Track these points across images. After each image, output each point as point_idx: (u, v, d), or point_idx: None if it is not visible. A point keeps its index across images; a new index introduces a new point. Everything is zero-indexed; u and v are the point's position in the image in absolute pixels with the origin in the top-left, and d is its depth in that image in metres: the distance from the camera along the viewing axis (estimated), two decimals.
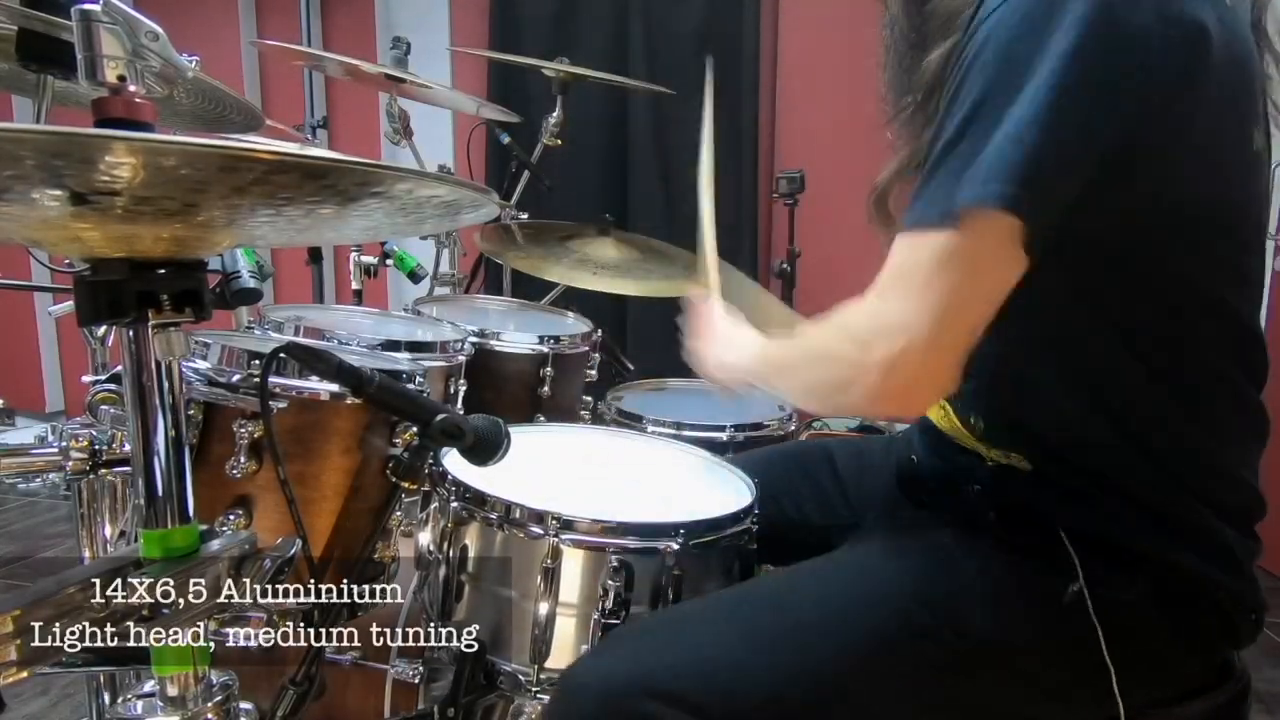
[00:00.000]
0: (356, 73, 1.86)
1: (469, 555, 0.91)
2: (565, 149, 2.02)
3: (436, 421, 0.78)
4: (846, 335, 0.69)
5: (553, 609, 0.85)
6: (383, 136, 2.09)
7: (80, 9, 0.53)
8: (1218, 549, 0.73)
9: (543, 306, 1.81)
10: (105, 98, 0.54)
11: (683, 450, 1.16)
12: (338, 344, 1.13)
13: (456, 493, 0.91)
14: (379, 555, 0.94)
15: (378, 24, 3.17)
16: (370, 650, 1.13)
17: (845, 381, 0.68)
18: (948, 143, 0.63)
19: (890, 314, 0.65)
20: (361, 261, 1.90)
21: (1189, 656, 0.75)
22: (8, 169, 0.42)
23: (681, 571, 0.85)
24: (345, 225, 0.68)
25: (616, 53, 2.95)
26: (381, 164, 0.50)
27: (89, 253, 0.59)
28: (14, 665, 0.53)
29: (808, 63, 2.86)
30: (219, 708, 0.67)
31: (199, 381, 0.83)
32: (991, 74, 0.62)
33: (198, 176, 0.47)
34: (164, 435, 0.63)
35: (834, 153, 2.73)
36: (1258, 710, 1.81)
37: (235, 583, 0.66)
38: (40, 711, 1.72)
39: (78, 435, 0.79)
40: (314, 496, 0.86)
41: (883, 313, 0.66)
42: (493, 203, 0.66)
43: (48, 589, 0.55)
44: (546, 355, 1.45)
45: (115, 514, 1.08)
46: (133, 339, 0.61)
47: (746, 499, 0.96)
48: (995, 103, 0.61)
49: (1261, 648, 2.06)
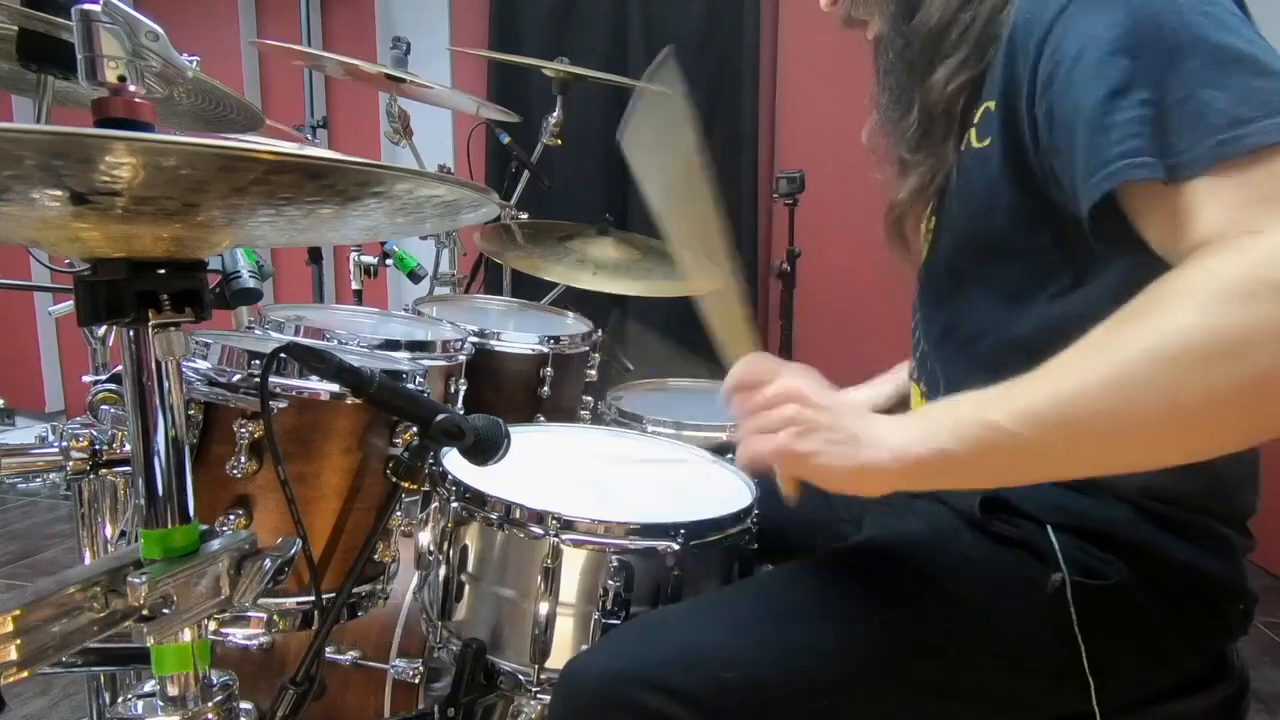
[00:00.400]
0: (356, 73, 1.86)
1: (469, 555, 0.91)
2: (565, 149, 2.02)
3: (436, 421, 0.78)
4: (1235, 294, 0.50)
5: (553, 609, 0.85)
6: (383, 136, 2.09)
7: (80, 9, 0.53)
8: (1207, 539, 0.73)
9: (543, 306, 1.81)
10: (105, 98, 0.54)
11: (683, 450, 1.16)
12: (338, 344, 1.13)
13: (456, 493, 0.91)
14: (379, 555, 0.94)
15: (378, 24, 3.17)
16: (370, 650, 1.14)
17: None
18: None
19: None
20: (361, 261, 1.90)
21: (1178, 646, 0.75)
22: (8, 169, 0.42)
23: (682, 571, 0.85)
24: (345, 225, 0.68)
25: (616, 53, 2.94)
26: (381, 164, 0.50)
27: (89, 253, 0.59)
28: (14, 665, 0.53)
29: (808, 63, 2.86)
30: (219, 708, 0.67)
31: (199, 381, 0.83)
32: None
33: (198, 176, 0.47)
34: (164, 435, 0.63)
35: (834, 153, 2.73)
36: (1257, 710, 1.81)
37: (235, 583, 0.66)
38: (40, 711, 1.72)
39: (78, 435, 0.79)
40: (314, 496, 0.86)
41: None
42: (493, 203, 0.66)
43: (48, 589, 0.55)
44: (546, 355, 1.45)
45: (115, 514, 1.08)
46: (133, 339, 0.61)
47: (746, 499, 0.96)
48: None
49: (1261, 648, 2.06)
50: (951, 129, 0.77)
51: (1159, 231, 0.59)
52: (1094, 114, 0.59)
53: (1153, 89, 0.57)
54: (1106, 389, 0.54)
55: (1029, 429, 0.56)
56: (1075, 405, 0.55)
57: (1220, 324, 0.50)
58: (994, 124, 0.71)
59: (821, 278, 2.66)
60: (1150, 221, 0.59)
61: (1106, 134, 0.58)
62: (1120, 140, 0.57)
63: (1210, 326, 0.51)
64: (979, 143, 0.74)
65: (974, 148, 0.75)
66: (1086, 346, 0.56)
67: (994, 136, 0.71)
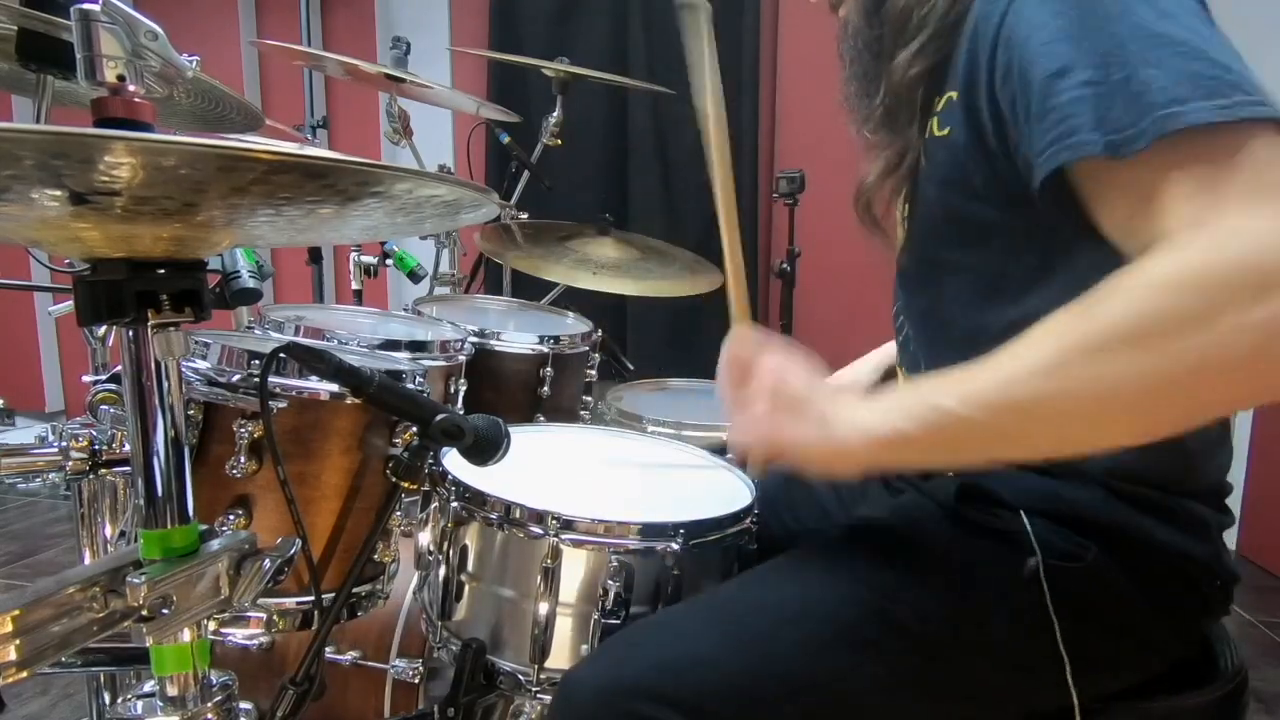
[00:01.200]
0: (356, 73, 1.86)
1: (469, 555, 0.91)
2: (565, 149, 2.02)
3: (436, 421, 0.78)
4: (1212, 285, 0.50)
5: (553, 609, 0.85)
6: (383, 136, 2.09)
7: (80, 9, 0.53)
8: (1180, 517, 0.74)
9: (543, 306, 1.81)
10: (105, 98, 0.54)
11: (683, 450, 1.16)
12: (338, 344, 1.13)
13: (456, 493, 0.91)
14: (379, 555, 0.94)
15: (378, 24, 3.17)
16: (370, 650, 1.14)
17: (1251, 349, 0.49)
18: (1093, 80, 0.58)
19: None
20: (361, 261, 1.91)
21: (1156, 627, 0.76)
22: (7, 169, 0.42)
23: (681, 571, 0.85)
24: (345, 225, 0.68)
25: (616, 53, 2.94)
26: (381, 164, 0.50)
27: (89, 253, 0.59)
28: (14, 665, 0.53)
29: (808, 63, 2.86)
30: (219, 708, 0.67)
31: (199, 381, 0.83)
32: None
33: (197, 176, 0.47)
34: (164, 435, 0.63)
35: (834, 153, 2.72)
36: (1257, 710, 1.82)
37: (235, 583, 0.66)
38: (40, 711, 1.72)
39: (78, 435, 0.79)
40: (314, 496, 0.86)
41: (1266, 231, 0.50)
42: (493, 203, 0.66)
43: (48, 589, 0.55)
44: (546, 355, 1.45)
45: (115, 514, 1.08)
46: (132, 339, 0.61)
47: (746, 499, 0.96)
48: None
49: (1262, 648, 2.07)
50: (914, 114, 0.78)
51: (1109, 214, 0.60)
52: (1038, 96, 0.60)
53: (1094, 70, 0.58)
54: (1044, 374, 0.55)
55: (976, 411, 0.58)
56: (1017, 389, 0.57)
57: (1146, 311, 0.52)
58: (956, 114, 0.72)
59: (821, 278, 2.66)
60: (1098, 204, 0.61)
61: (1047, 116, 0.59)
62: (1060, 121, 0.59)
63: (1138, 314, 0.52)
64: (940, 131, 0.75)
65: (935, 136, 0.75)
66: (1033, 333, 0.57)
67: (955, 126, 0.72)
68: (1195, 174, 0.54)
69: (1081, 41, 0.59)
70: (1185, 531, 0.74)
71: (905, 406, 0.62)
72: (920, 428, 0.61)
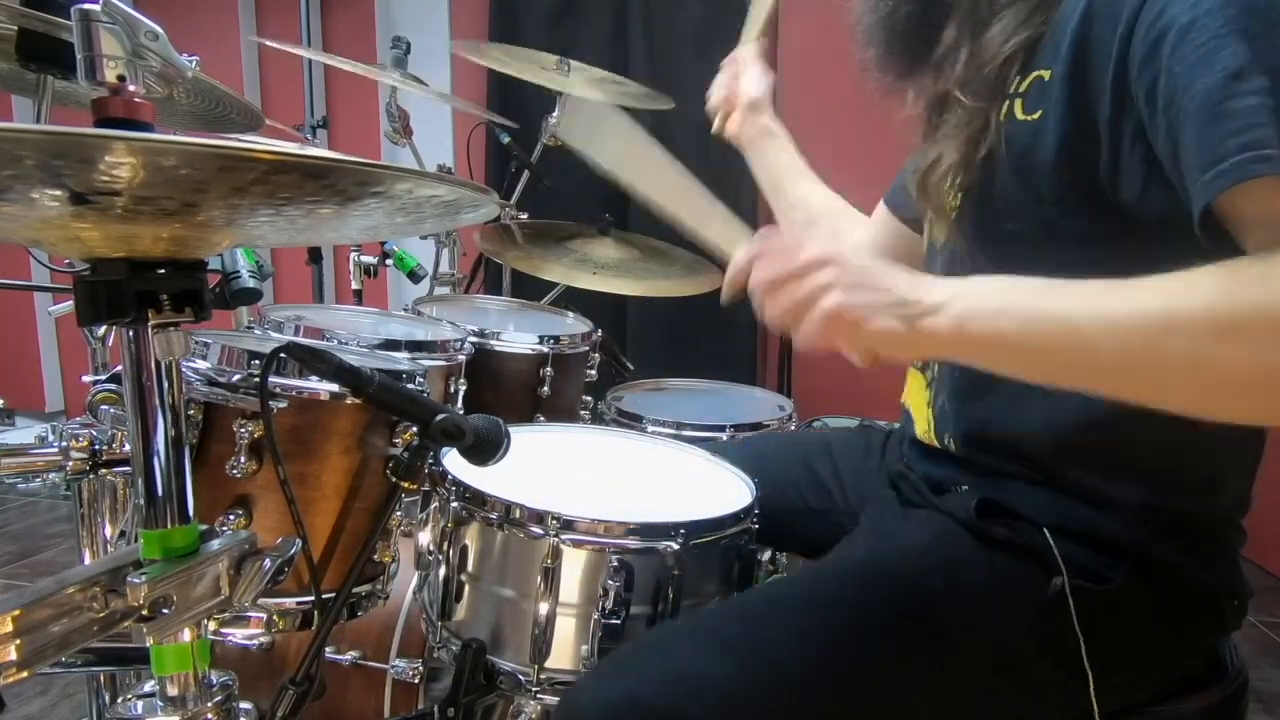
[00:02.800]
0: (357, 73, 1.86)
1: (469, 555, 0.91)
2: (565, 149, 2.02)
3: (436, 421, 0.78)
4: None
5: (553, 609, 0.85)
6: (383, 136, 2.09)
7: (80, 9, 0.53)
8: (1205, 541, 0.73)
9: (543, 306, 1.81)
10: (105, 98, 0.54)
11: (683, 450, 1.16)
12: (338, 344, 1.13)
13: (456, 493, 0.91)
14: (379, 555, 0.94)
15: (378, 24, 3.17)
16: (370, 650, 1.14)
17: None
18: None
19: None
20: (361, 261, 1.91)
21: (1177, 647, 0.75)
22: (8, 169, 0.42)
23: (682, 571, 0.85)
24: (345, 225, 0.68)
25: (616, 53, 2.94)
26: (381, 164, 0.50)
27: (89, 253, 0.59)
28: (14, 665, 0.53)
29: (808, 63, 2.86)
30: (219, 708, 0.67)
31: (199, 381, 0.83)
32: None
33: (197, 176, 0.47)
34: (164, 435, 0.63)
35: (834, 152, 2.72)
36: (1257, 710, 1.82)
37: (235, 583, 0.66)
38: (40, 711, 1.72)
39: (78, 435, 0.79)
40: (314, 496, 0.86)
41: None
42: (493, 203, 0.66)
43: (48, 589, 0.55)
44: (546, 355, 1.45)
45: (115, 514, 1.08)
46: (133, 339, 0.61)
47: (747, 499, 0.96)
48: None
49: (1262, 648, 2.07)
50: (1000, 90, 0.71)
51: (1267, 231, 0.55)
52: (1208, 99, 0.54)
53: (1272, 75, 0.53)
54: (1208, 324, 0.52)
55: (1109, 337, 0.55)
56: (1171, 329, 0.53)
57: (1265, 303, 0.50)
58: (1051, 96, 0.66)
59: None
60: (1263, 219, 0.55)
61: (1223, 123, 0.54)
62: (1240, 131, 0.53)
63: (1254, 306, 0.51)
64: (1026, 115, 0.69)
65: (1019, 120, 0.69)
66: (1185, 278, 0.54)
67: (1049, 109, 0.66)
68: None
69: (1257, 38, 0.54)
70: (1210, 555, 0.73)
71: (1017, 307, 0.57)
72: (1034, 336, 0.57)
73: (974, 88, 0.72)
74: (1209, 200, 0.55)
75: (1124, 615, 0.72)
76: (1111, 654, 0.71)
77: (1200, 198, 0.55)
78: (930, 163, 0.76)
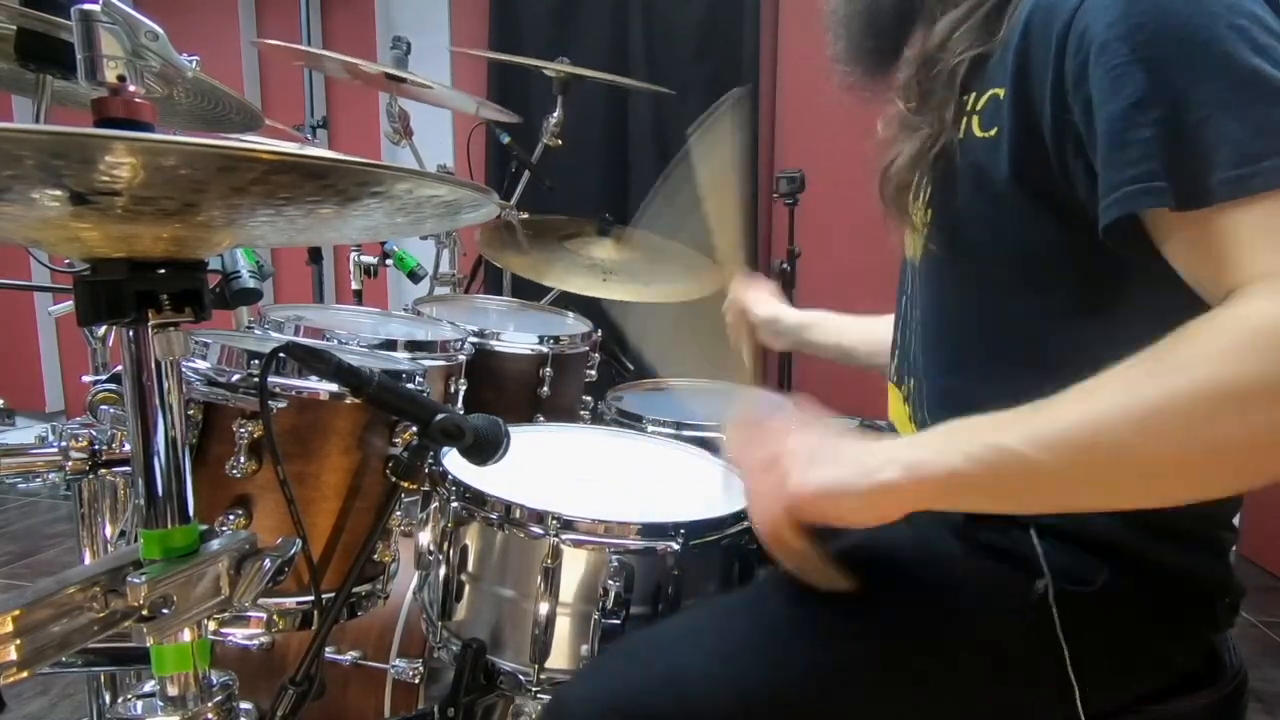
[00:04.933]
0: (356, 73, 1.86)
1: (469, 555, 0.91)
2: (565, 149, 2.02)
3: (436, 421, 0.78)
4: (1267, 344, 0.50)
5: (553, 609, 0.85)
6: (383, 136, 2.09)
7: (80, 9, 0.53)
8: (1196, 540, 0.73)
9: (543, 306, 1.81)
10: (105, 98, 0.54)
11: (683, 450, 1.16)
12: (338, 344, 1.13)
13: (456, 493, 0.91)
14: (379, 555, 0.94)
15: (378, 24, 3.17)
16: (370, 650, 1.14)
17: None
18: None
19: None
20: (361, 261, 1.90)
21: (1167, 646, 0.75)
22: (8, 169, 0.42)
23: (682, 571, 0.85)
24: (345, 225, 0.68)
25: (616, 53, 2.94)
26: (381, 164, 0.50)
27: (89, 253, 0.59)
28: (14, 665, 0.53)
29: (808, 63, 2.86)
30: (219, 708, 0.67)
31: (199, 381, 0.83)
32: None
33: (197, 176, 0.47)
34: (164, 435, 0.63)
35: (834, 153, 2.72)
36: (1257, 710, 1.82)
37: (235, 583, 0.66)
38: (40, 711, 1.72)
39: (78, 435, 0.79)
40: (314, 496, 0.86)
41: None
42: (493, 203, 0.66)
43: (48, 589, 0.55)
44: (546, 355, 1.45)
45: (115, 514, 1.08)
46: (133, 339, 0.61)
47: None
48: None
49: (1262, 648, 2.06)
50: (952, 96, 0.72)
51: (1182, 258, 0.57)
52: (1111, 127, 0.57)
53: (1170, 106, 0.55)
54: (1128, 424, 0.53)
55: (1045, 455, 0.55)
56: (1097, 436, 0.54)
57: (1248, 373, 0.50)
58: (1003, 113, 0.67)
59: (821, 278, 2.65)
60: (1171, 248, 0.58)
61: (1121, 152, 0.56)
62: (1134, 162, 0.56)
63: (1237, 375, 0.50)
64: (983, 132, 0.70)
65: (977, 137, 0.70)
66: (1111, 379, 0.54)
67: (1002, 127, 0.67)
68: (1272, 229, 0.53)
69: (1160, 67, 0.55)
70: (1201, 554, 0.73)
71: (959, 446, 0.58)
72: (980, 469, 0.57)
73: (925, 83, 0.75)
74: (1105, 224, 0.58)
75: (1113, 616, 0.71)
76: (1102, 654, 0.71)
77: (1101, 220, 0.58)
78: (887, 163, 0.79)
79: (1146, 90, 0.55)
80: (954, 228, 0.76)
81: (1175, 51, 0.56)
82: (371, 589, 0.94)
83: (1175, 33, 0.56)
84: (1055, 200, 0.66)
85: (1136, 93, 0.56)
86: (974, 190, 0.72)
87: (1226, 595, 0.75)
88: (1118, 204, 0.57)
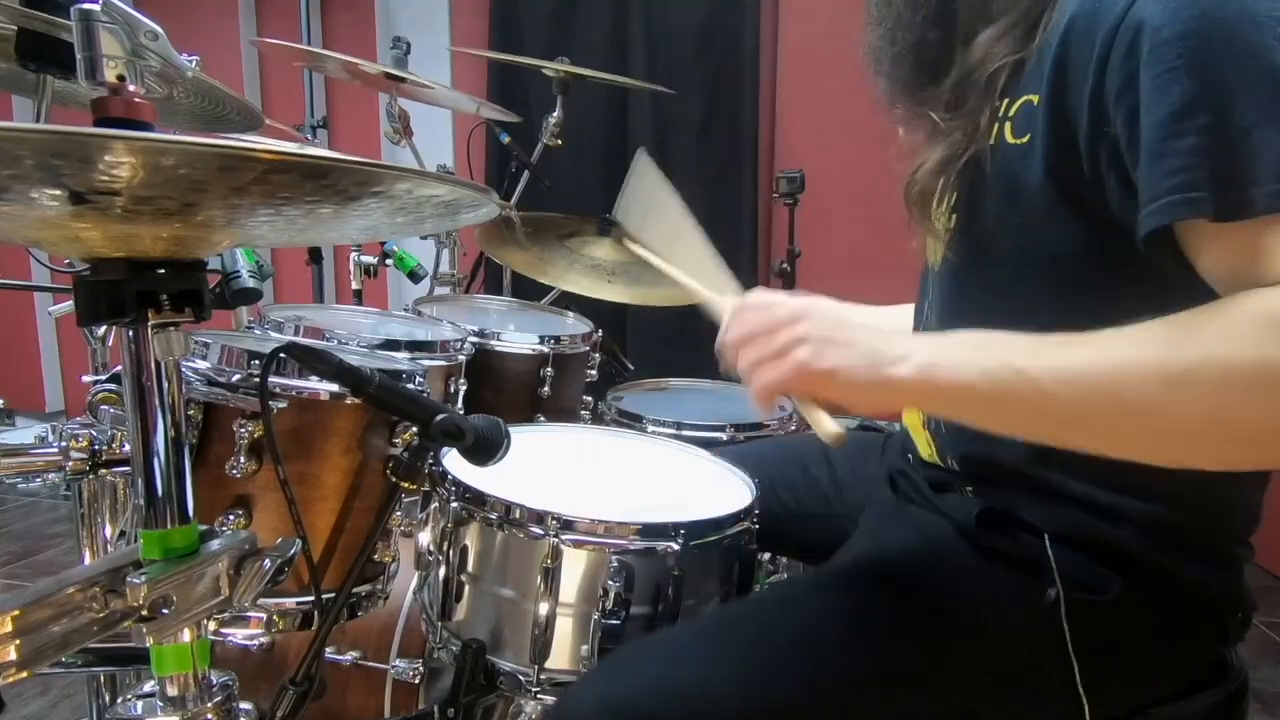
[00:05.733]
0: (356, 73, 1.86)
1: (469, 555, 0.91)
2: (565, 149, 2.02)
3: (436, 421, 0.78)
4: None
5: (553, 609, 0.85)
6: (383, 136, 2.09)
7: (80, 9, 0.53)
8: (1211, 554, 0.72)
9: (543, 306, 1.81)
10: (104, 97, 0.54)
11: (683, 450, 1.16)
12: (338, 344, 1.13)
13: (456, 493, 0.91)
14: (379, 555, 0.94)
15: (378, 24, 3.17)
16: (370, 650, 1.14)
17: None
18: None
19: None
20: (361, 261, 1.91)
21: (1177, 658, 0.75)
22: (7, 169, 0.42)
23: (682, 572, 0.85)
24: (345, 225, 0.68)
25: (616, 52, 2.94)
26: (381, 164, 0.50)
27: (89, 253, 0.59)
28: (14, 665, 0.53)
29: (808, 63, 2.86)
30: (219, 708, 0.67)
31: (199, 381, 0.83)
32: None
33: (197, 176, 0.47)
34: (164, 435, 0.63)
35: (834, 153, 2.73)
36: (1257, 710, 1.81)
37: (235, 583, 0.66)
38: (40, 711, 1.72)
39: (78, 435, 0.79)
40: (314, 496, 0.86)
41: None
42: (493, 203, 0.66)
43: (48, 589, 0.55)
44: (546, 355, 1.45)
45: (115, 514, 1.08)
46: (133, 339, 0.61)
47: (747, 499, 0.95)
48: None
49: (1261, 648, 2.06)
50: (988, 102, 0.71)
51: (1217, 269, 0.57)
52: (1154, 135, 0.56)
53: (1214, 115, 0.54)
54: (1159, 384, 0.54)
55: (1065, 390, 0.56)
56: (1124, 388, 0.55)
57: (1270, 356, 0.51)
58: (1037, 120, 0.67)
59: (821, 278, 2.64)
60: (1207, 258, 0.57)
61: (1164, 160, 0.56)
62: (1175, 171, 0.55)
63: (1261, 357, 0.51)
64: (1016, 139, 0.69)
65: (1009, 143, 0.70)
66: (1137, 332, 0.55)
67: (1035, 134, 0.67)
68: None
69: (1206, 75, 0.55)
70: (1216, 568, 0.72)
71: (980, 361, 0.59)
72: (995, 389, 0.58)
73: (961, 92, 0.74)
74: (1144, 233, 0.57)
75: (1125, 626, 0.71)
76: (1109, 664, 0.71)
77: (1140, 229, 0.58)
78: (915, 168, 0.78)
79: (1191, 98, 0.55)
80: (979, 233, 0.75)
81: (1221, 59, 0.55)
82: (371, 589, 0.94)
83: (1222, 41, 0.55)
84: (1085, 207, 0.65)
85: (1181, 99, 0.55)
86: (1002, 196, 0.71)
87: (1239, 610, 0.75)
88: (1158, 213, 0.56)
